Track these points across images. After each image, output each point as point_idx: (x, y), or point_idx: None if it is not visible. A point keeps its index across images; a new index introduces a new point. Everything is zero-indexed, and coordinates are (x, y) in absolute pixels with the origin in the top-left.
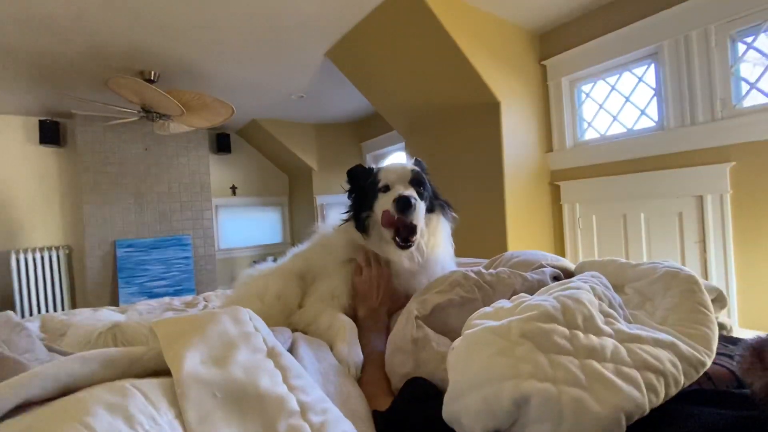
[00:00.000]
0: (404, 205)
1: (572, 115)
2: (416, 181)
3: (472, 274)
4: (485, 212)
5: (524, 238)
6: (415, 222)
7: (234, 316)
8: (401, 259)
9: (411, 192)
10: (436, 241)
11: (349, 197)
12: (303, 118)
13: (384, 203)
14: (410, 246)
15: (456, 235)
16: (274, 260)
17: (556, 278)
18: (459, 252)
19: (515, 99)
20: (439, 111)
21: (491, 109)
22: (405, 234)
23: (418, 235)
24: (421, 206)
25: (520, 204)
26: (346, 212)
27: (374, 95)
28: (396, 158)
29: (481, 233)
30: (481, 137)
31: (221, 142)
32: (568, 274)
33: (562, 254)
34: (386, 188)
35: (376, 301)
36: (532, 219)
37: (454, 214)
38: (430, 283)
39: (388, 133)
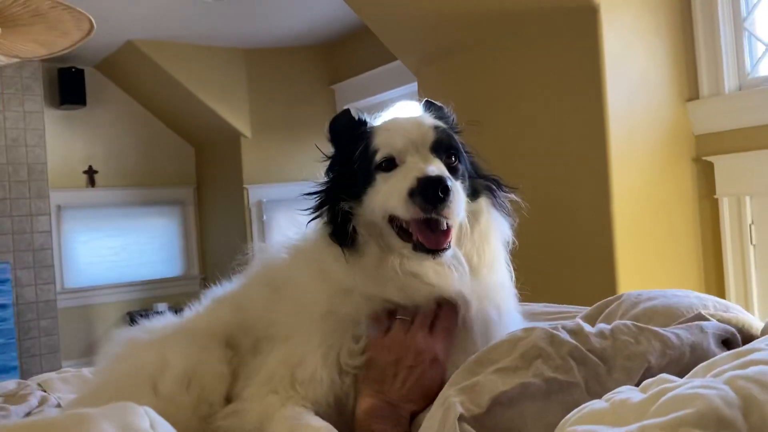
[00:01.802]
0: (434, 193)
1: (735, 30)
2: (443, 144)
3: (566, 335)
4: (573, 209)
5: (647, 259)
6: (452, 221)
7: (120, 420)
8: (426, 270)
9: (438, 167)
10: (491, 254)
11: (327, 173)
12: (223, 38)
13: (390, 191)
14: (444, 251)
15: (517, 250)
16: (175, 311)
17: (725, 343)
18: (526, 288)
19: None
20: (481, 24)
21: (581, 17)
22: (433, 240)
23: (453, 235)
24: (459, 192)
25: (639, 196)
26: (315, 206)
27: None
28: (401, 110)
29: (568, 249)
30: (563, 71)
31: (67, 85)
32: (747, 336)
33: (722, 291)
34: (389, 163)
35: (397, 390)
36: (662, 224)
37: (513, 195)
38: (483, 350)
39: (383, 67)
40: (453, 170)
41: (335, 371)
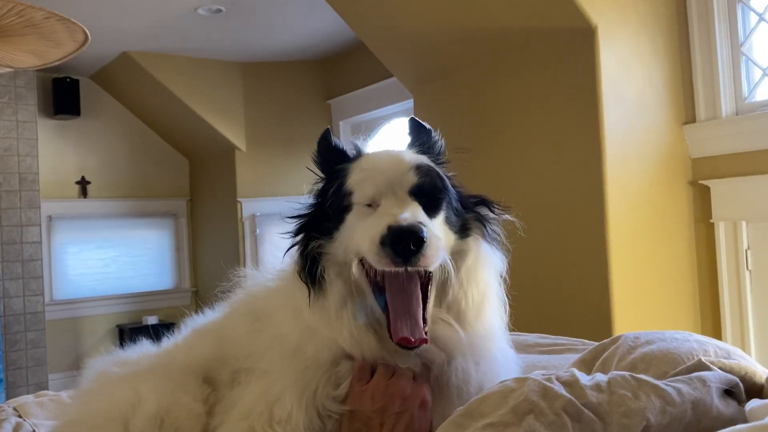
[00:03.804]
0: (406, 245)
1: (732, 55)
2: (425, 189)
3: (560, 387)
4: (568, 231)
5: (643, 283)
6: (430, 268)
7: None
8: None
9: (414, 212)
10: (480, 295)
11: (312, 198)
12: (220, 51)
13: (361, 235)
14: (418, 346)
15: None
16: (162, 328)
17: (727, 392)
18: (518, 319)
19: (623, 21)
20: (480, 43)
21: (579, 38)
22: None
23: (427, 324)
24: (436, 238)
25: (634, 219)
26: (292, 234)
27: (357, 11)
28: (393, 133)
29: (562, 272)
30: (560, 92)
31: (62, 96)
32: (750, 385)
33: (717, 316)
34: (366, 204)
35: None
36: (658, 247)
37: (505, 214)
38: (472, 400)
39: (380, 83)
40: (434, 208)
41: (313, 413)
